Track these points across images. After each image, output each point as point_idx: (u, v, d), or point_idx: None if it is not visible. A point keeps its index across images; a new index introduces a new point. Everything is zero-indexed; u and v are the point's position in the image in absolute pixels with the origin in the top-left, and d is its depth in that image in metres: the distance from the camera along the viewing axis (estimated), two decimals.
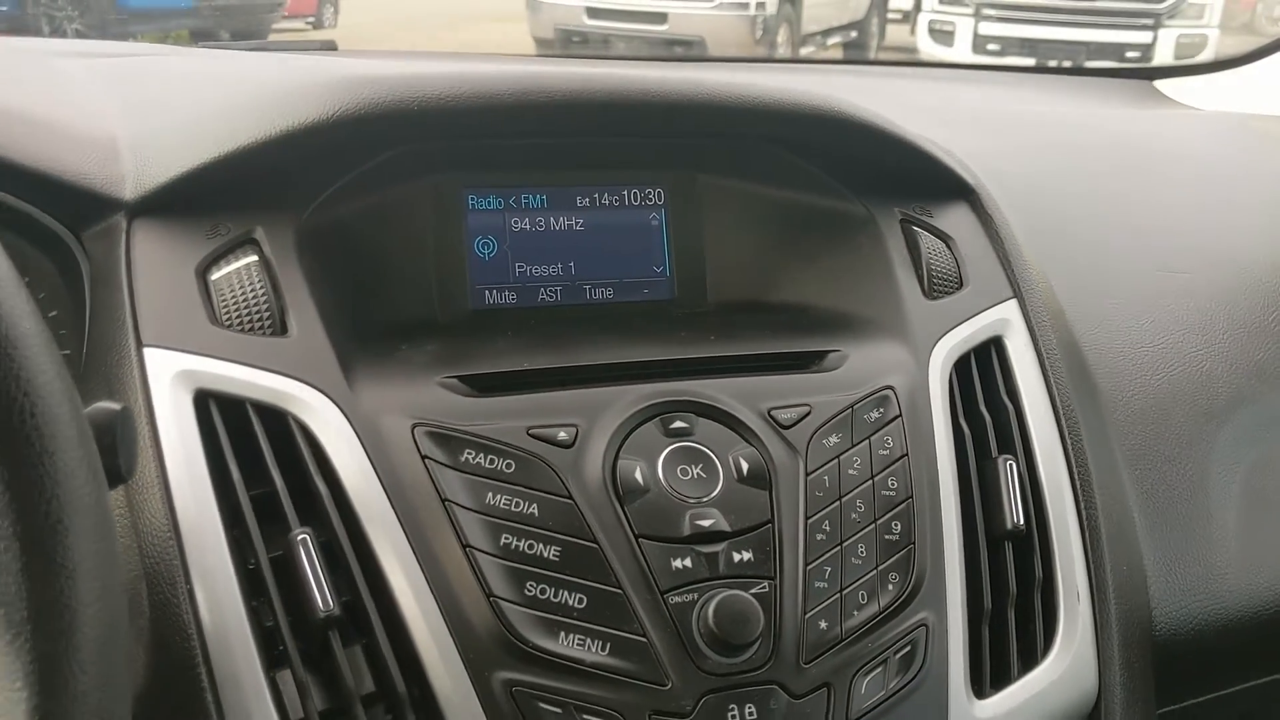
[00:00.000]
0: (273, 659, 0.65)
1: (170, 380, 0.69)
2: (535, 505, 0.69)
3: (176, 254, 0.74)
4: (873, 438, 0.77)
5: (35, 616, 0.43)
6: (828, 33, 8.59)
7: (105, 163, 0.76)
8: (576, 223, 0.89)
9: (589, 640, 0.67)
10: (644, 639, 0.67)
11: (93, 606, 0.45)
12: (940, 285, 0.88)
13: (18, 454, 0.44)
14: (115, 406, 0.56)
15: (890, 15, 9.38)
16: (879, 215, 0.90)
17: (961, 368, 0.84)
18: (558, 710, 0.65)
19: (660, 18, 7.51)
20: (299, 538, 0.66)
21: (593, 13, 7.70)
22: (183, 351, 0.70)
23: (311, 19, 9.80)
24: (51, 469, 0.45)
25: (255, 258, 0.75)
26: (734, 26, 7.56)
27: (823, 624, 0.70)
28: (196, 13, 7.71)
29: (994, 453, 0.82)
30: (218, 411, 0.69)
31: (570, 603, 0.67)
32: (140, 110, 0.86)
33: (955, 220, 0.93)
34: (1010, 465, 0.81)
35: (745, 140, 0.89)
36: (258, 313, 0.73)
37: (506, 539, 0.68)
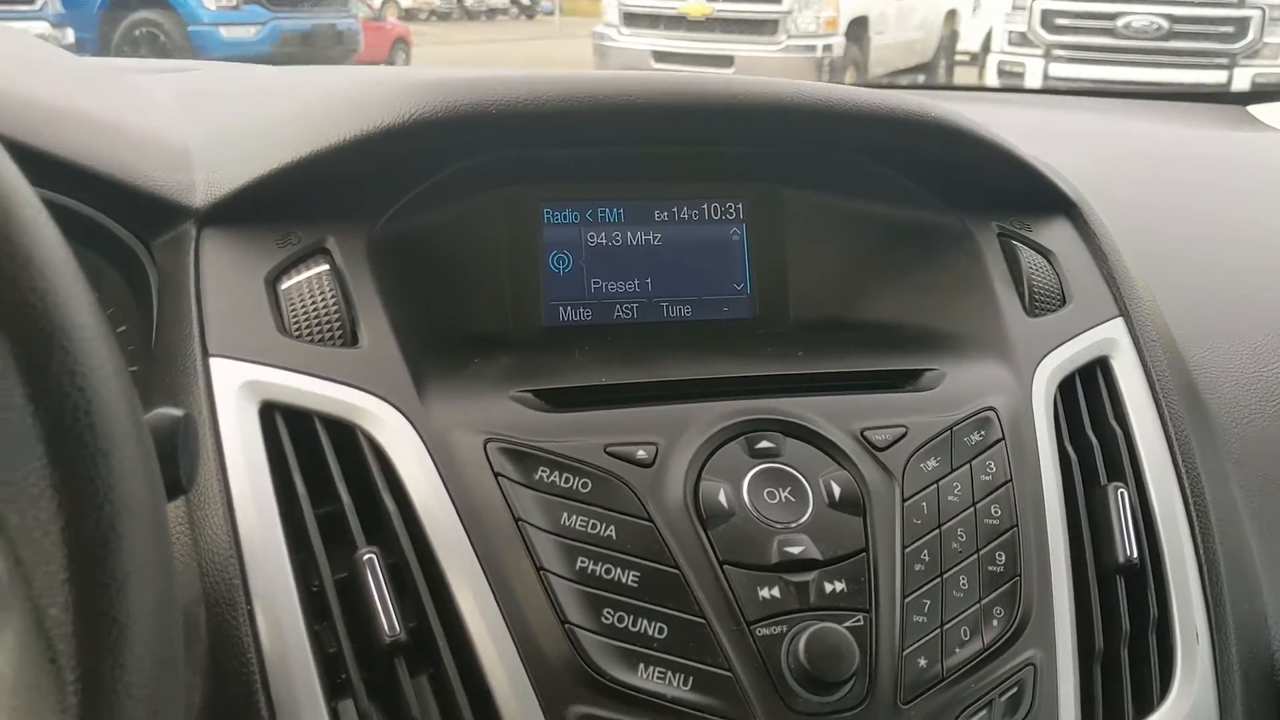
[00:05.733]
0: (335, 687, 0.61)
1: (236, 391, 0.66)
2: (613, 527, 0.65)
3: (246, 263, 0.71)
4: (974, 462, 0.72)
5: (80, 632, 0.40)
6: (894, 75, 8.55)
7: (176, 169, 0.74)
8: (654, 238, 0.86)
9: (670, 673, 0.62)
10: (729, 673, 0.63)
11: (144, 622, 0.41)
12: (1042, 302, 0.83)
13: (70, 453, 0.41)
14: (177, 413, 0.53)
15: (958, 57, 9.31)
16: (976, 229, 0.85)
17: (1066, 390, 0.79)
18: None
19: (727, 61, 7.51)
20: (365, 557, 0.62)
21: (659, 57, 7.73)
22: (250, 362, 0.67)
23: (384, 65, 9.98)
24: (106, 471, 0.41)
25: (326, 267, 0.72)
26: (800, 69, 7.54)
27: (922, 661, 0.65)
28: (271, 58, 7.88)
29: (1103, 480, 0.76)
30: (284, 424, 0.66)
31: (650, 632, 0.63)
32: (212, 118, 0.84)
33: (1056, 235, 0.88)
34: (1121, 493, 0.75)
35: (833, 150, 0.85)
36: (328, 323, 0.70)
37: (583, 562, 0.63)
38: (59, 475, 0.40)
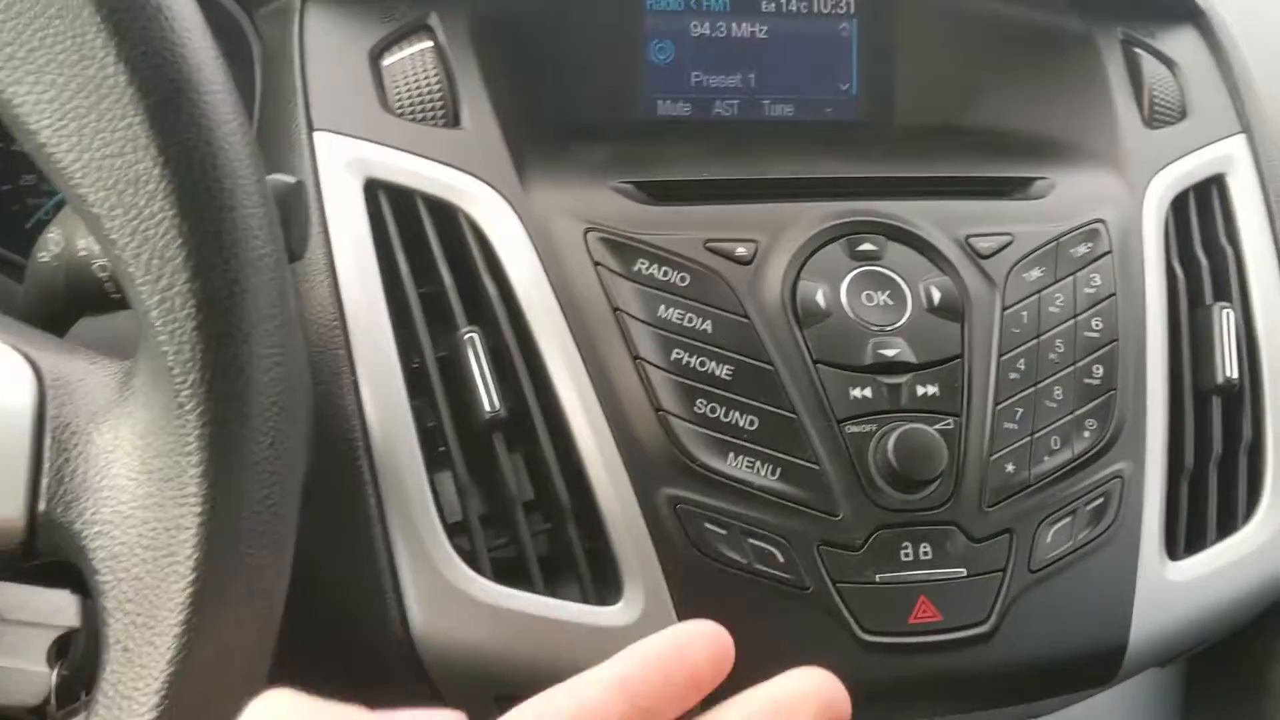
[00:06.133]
0: (433, 459, 0.63)
1: (341, 166, 0.66)
2: (709, 322, 0.65)
3: (349, 36, 0.70)
4: (1078, 274, 0.70)
5: (209, 379, 0.41)
6: None
7: None
8: (759, 30, 0.83)
9: (759, 463, 0.63)
10: (816, 467, 0.64)
11: (269, 373, 0.43)
12: (1162, 114, 0.80)
13: (198, 206, 0.41)
14: (290, 179, 0.54)
15: None
16: (1098, 34, 0.81)
17: (1179, 206, 0.76)
18: (722, 531, 0.62)
19: None
20: (467, 336, 0.63)
21: None
22: (354, 137, 0.67)
23: None
24: (231, 226, 0.42)
25: (429, 44, 0.70)
26: None
27: (1009, 467, 0.66)
28: None
29: (1209, 300, 0.75)
30: (387, 202, 0.66)
31: (741, 424, 0.64)
32: None
33: (1182, 45, 0.83)
34: (1227, 314, 0.73)
35: None
36: (430, 102, 0.69)
37: (678, 354, 0.64)
38: (187, 225, 0.41)
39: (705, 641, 0.32)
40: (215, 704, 0.42)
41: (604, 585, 0.63)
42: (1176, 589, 0.69)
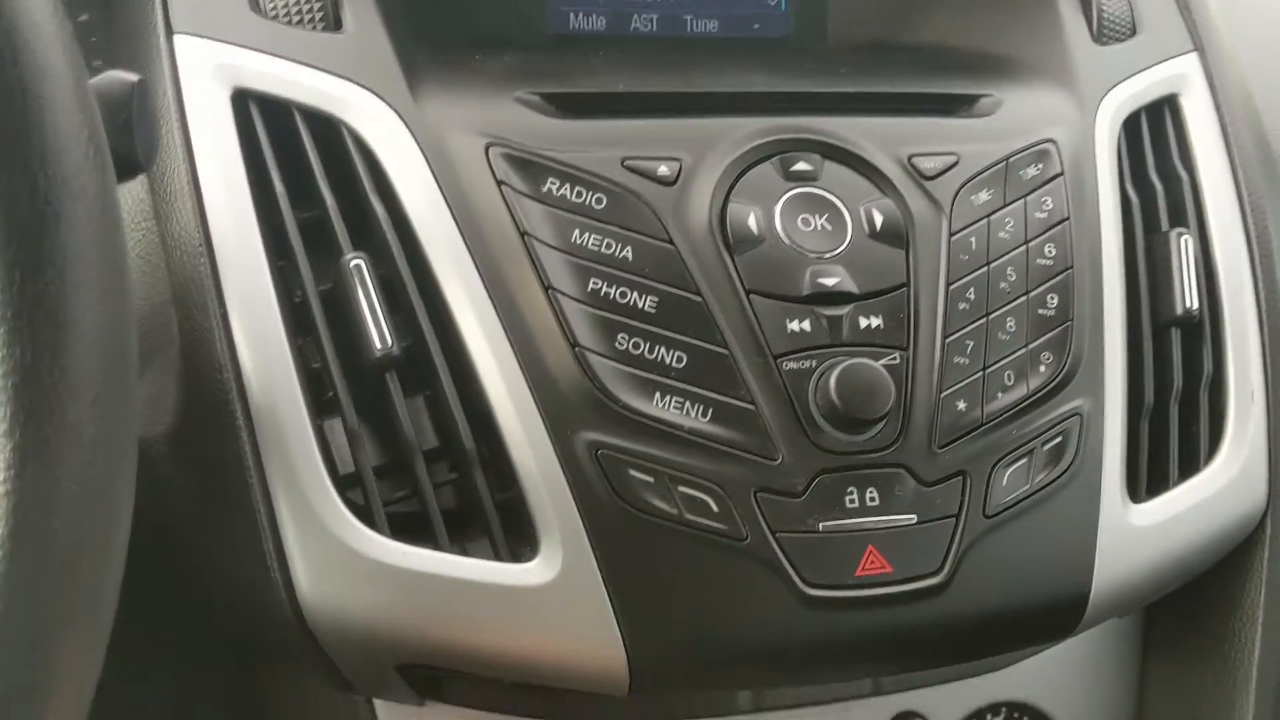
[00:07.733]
0: (321, 405, 0.56)
1: (206, 74, 0.58)
2: (630, 248, 0.58)
3: None
4: (1029, 197, 0.65)
5: (15, 325, 0.33)
6: None
7: None
8: None
9: (688, 404, 0.57)
10: (751, 407, 0.57)
11: (89, 314, 0.35)
12: (1111, 30, 0.74)
13: None
14: (131, 77, 0.45)
15: None
16: None
17: (1130, 128, 0.71)
18: (649, 479, 0.56)
19: None
20: (353, 263, 0.55)
21: None
22: (220, 41, 0.59)
23: None
24: (40, 140, 0.34)
25: None
26: None
27: (961, 404, 0.60)
28: None
29: (1164, 226, 0.70)
30: (259, 115, 0.58)
31: (668, 360, 0.57)
32: None
33: None
34: (1185, 240, 0.68)
35: None
36: (307, 1, 0.61)
37: (595, 284, 0.57)
38: None
39: None
40: None
41: (517, 540, 0.56)
42: (1140, 533, 0.64)
